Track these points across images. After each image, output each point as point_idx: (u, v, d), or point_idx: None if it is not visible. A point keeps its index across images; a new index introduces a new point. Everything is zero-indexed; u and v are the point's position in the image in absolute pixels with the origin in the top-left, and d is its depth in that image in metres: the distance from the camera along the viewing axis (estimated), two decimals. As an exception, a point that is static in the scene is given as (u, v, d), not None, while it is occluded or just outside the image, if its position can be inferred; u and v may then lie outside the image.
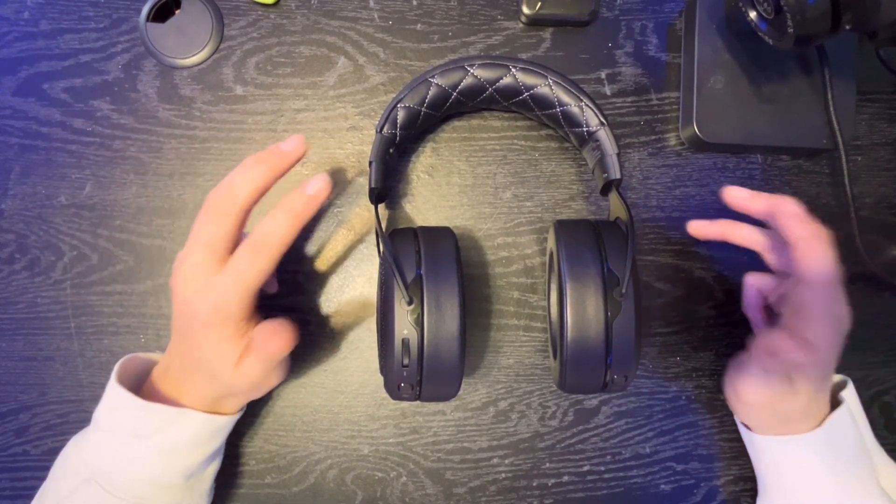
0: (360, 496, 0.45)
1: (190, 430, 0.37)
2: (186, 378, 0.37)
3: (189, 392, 0.37)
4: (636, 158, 0.46)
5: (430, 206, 0.46)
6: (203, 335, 0.34)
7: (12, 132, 0.45)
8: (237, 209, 0.34)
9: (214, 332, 0.34)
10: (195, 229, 0.34)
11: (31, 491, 0.39)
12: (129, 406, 0.36)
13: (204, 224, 0.34)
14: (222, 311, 0.33)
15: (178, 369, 0.37)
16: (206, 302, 0.33)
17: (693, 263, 0.46)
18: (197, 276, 0.34)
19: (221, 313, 0.34)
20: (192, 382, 0.37)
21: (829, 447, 0.38)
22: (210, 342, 0.34)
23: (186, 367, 0.37)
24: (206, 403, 0.37)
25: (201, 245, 0.34)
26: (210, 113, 0.45)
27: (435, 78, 0.40)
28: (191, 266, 0.34)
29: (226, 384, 0.36)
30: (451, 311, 0.34)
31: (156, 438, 0.36)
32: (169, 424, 0.36)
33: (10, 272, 0.45)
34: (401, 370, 0.35)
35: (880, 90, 0.48)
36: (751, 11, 0.40)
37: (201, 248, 0.34)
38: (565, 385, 0.37)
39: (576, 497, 0.46)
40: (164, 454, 0.36)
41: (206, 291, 0.33)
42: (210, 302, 0.33)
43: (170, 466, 0.37)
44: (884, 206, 0.48)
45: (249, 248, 0.34)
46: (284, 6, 0.46)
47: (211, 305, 0.33)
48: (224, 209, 0.34)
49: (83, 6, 0.45)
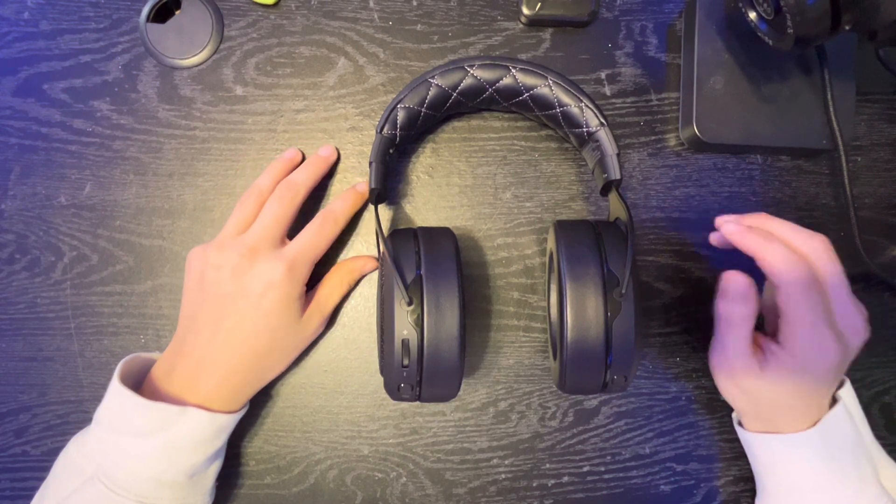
0: (360, 497, 0.45)
1: (193, 429, 0.37)
2: (206, 367, 0.38)
3: (205, 383, 0.38)
4: (636, 159, 0.46)
5: (430, 206, 0.46)
6: (265, 301, 0.38)
7: (12, 132, 0.45)
8: (300, 198, 0.41)
9: (282, 293, 0.38)
10: (264, 211, 0.40)
11: (31, 491, 0.39)
12: (133, 405, 0.36)
13: (272, 206, 0.40)
14: (296, 272, 0.39)
15: (199, 361, 0.38)
16: (279, 267, 0.38)
17: (693, 263, 0.46)
18: (268, 245, 0.39)
19: (295, 274, 0.39)
20: (217, 371, 0.38)
21: (825, 446, 0.38)
22: (274, 304, 0.38)
23: (216, 350, 0.38)
24: (223, 394, 0.38)
25: (272, 220, 0.39)
26: (210, 113, 0.45)
27: (435, 78, 0.40)
28: (260, 237, 0.39)
29: (285, 339, 0.40)
30: (450, 312, 0.34)
31: (159, 437, 0.36)
32: (172, 423, 0.36)
33: (10, 272, 0.45)
34: (400, 371, 0.35)
35: (880, 90, 0.48)
36: (750, 12, 0.40)
37: (272, 222, 0.39)
38: (565, 385, 0.37)
39: (576, 497, 0.46)
40: (167, 452, 0.36)
41: (278, 259, 0.38)
42: (284, 266, 0.38)
43: (173, 465, 0.37)
44: (884, 206, 0.48)
45: (320, 219, 0.41)
46: (284, 7, 0.46)
47: (286, 267, 0.38)
48: (290, 196, 0.40)
49: (83, 6, 0.45)
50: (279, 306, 0.38)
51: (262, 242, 0.39)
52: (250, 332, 0.38)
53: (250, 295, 0.38)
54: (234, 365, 0.38)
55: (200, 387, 0.38)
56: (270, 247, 0.39)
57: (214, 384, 0.38)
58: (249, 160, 0.46)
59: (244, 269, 0.38)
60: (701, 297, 0.46)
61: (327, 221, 0.41)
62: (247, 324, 0.38)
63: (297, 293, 0.39)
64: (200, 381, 0.38)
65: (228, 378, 0.38)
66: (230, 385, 0.39)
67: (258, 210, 0.40)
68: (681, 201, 0.47)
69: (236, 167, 0.46)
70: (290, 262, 0.38)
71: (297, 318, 0.40)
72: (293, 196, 0.40)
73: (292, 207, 0.40)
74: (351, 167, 0.46)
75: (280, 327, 0.39)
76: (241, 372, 0.39)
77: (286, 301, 0.38)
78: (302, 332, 0.41)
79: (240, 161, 0.46)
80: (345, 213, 0.42)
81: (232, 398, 0.39)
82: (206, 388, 0.38)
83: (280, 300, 0.38)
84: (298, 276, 0.39)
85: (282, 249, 0.39)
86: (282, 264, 0.38)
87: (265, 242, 0.39)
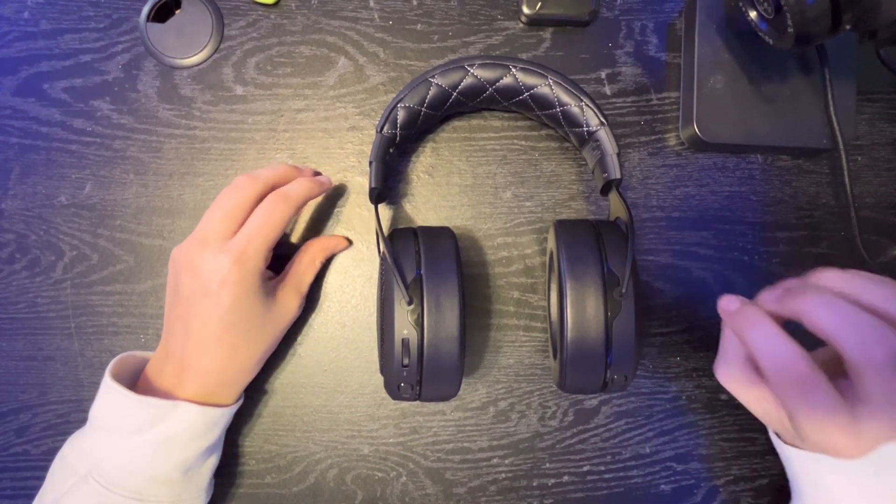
0: (360, 496, 0.45)
1: (185, 423, 0.37)
2: (193, 362, 0.37)
3: (192, 378, 0.37)
4: (636, 158, 0.46)
5: (430, 206, 0.46)
6: (222, 297, 0.37)
7: (12, 132, 0.45)
8: (291, 210, 0.39)
9: (236, 286, 0.37)
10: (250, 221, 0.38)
11: (31, 491, 0.39)
12: (124, 401, 0.36)
13: (260, 216, 0.38)
14: (246, 262, 0.37)
15: (182, 357, 0.38)
16: (226, 260, 0.37)
17: (693, 263, 0.46)
18: (217, 239, 0.37)
19: (246, 265, 0.37)
20: (200, 365, 0.37)
21: (878, 475, 0.33)
22: (232, 298, 0.37)
23: (200, 347, 0.37)
24: (211, 387, 0.38)
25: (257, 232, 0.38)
26: (210, 113, 0.45)
27: (435, 78, 0.40)
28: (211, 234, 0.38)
29: (259, 328, 0.39)
30: (450, 312, 0.34)
31: (151, 432, 0.36)
32: (164, 417, 0.36)
33: (10, 272, 0.45)
34: (401, 370, 0.35)
35: (880, 90, 0.48)
36: (751, 11, 0.40)
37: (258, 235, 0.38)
38: (565, 385, 0.37)
39: (576, 497, 0.46)
40: (160, 447, 0.36)
41: (225, 252, 0.37)
42: (231, 259, 0.37)
43: (166, 460, 0.37)
44: (884, 205, 0.48)
45: (268, 202, 0.38)
46: (284, 6, 0.46)
47: (233, 260, 0.37)
48: (281, 208, 0.38)
49: (83, 6, 0.45)
50: (238, 300, 0.37)
51: (212, 235, 0.37)
52: (217, 329, 0.37)
53: (208, 293, 0.37)
54: (212, 362, 0.38)
55: (187, 385, 0.38)
56: (218, 240, 0.37)
57: (199, 382, 0.38)
58: (250, 160, 0.46)
59: (196, 266, 0.37)
60: (701, 297, 0.46)
61: (276, 203, 0.38)
62: (212, 322, 0.37)
63: (252, 283, 0.38)
64: (186, 379, 0.38)
65: (211, 375, 0.38)
66: (215, 381, 0.38)
67: (244, 217, 0.38)
68: (681, 201, 0.47)
69: (236, 167, 0.46)
70: (237, 254, 0.37)
71: (264, 304, 0.39)
72: (285, 208, 0.38)
73: (283, 220, 0.39)
74: (351, 166, 0.46)
75: (248, 318, 0.38)
76: (221, 367, 0.38)
77: (243, 294, 0.37)
78: (277, 316, 0.40)
79: (240, 161, 0.46)
80: (298, 194, 0.39)
81: (221, 392, 0.39)
82: (193, 386, 0.38)
83: (236, 294, 0.37)
84: (251, 266, 0.37)
85: (229, 243, 0.37)
86: (228, 257, 0.37)
87: (214, 235, 0.37)
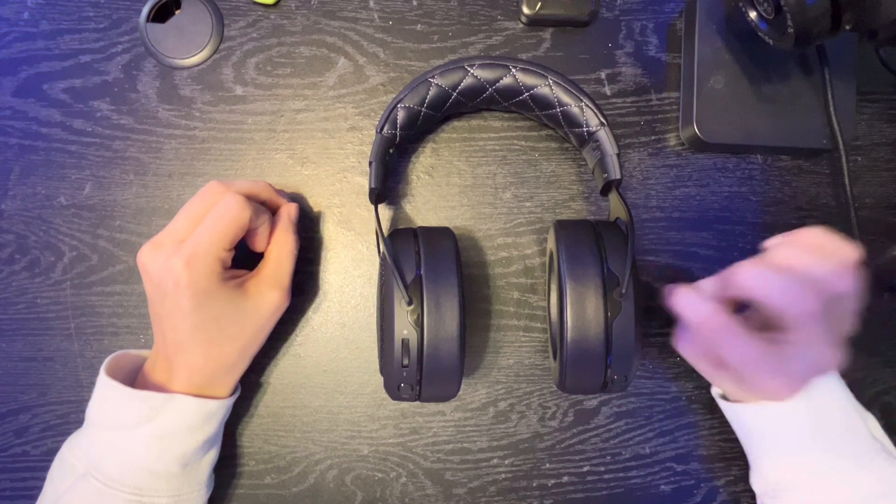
0: (360, 497, 0.45)
1: (181, 415, 0.37)
2: (176, 359, 0.37)
3: (180, 373, 0.37)
4: (636, 158, 0.46)
5: (430, 206, 0.46)
6: (180, 298, 0.36)
7: (12, 132, 0.45)
8: (246, 211, 0.37)
9: (191, 288, 0.36)
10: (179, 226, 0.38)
11: (31, 491, 0.39)
12: (119, 396, 0.37)
13: (212, 218, 0.37)
14: (197, 265, 0.36)
15: (166, 354, 0.38)
16: (177, 263, 0.36)
17: (693, 263, 0.46)
18: (170, 241, 0.37)
19: (197, 267, 0.36)
20: (183, 361, 0.37)
21: (814, 411, 0.36)
22: (191, 300, 0.36)
23: (176, 346, 0.37)
24: (200, 381, 0.38)
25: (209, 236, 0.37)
26: (210, 113, 0.45)
27: (435, 78, 0.40)
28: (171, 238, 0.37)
29: (235, 325, 0.38)
30: (450, 312, 0.34)
31: (148, 426, 0.36)
32: (159, 410, 0.36)
33: (9, 272, 0.45)
34: (400, 370, 0.35)
35: (880, 90, 0.48)
36: (751, 11, 0.40)
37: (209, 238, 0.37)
38: (565, 385, 0.37)
39: (576, 497, 0.46)
40: (157, 441, 0.36)
41: (175, 255, 0.36)
42: (181, 261, 0.35)
43: (164, 454, 0.37)
44: (884, 205, 0.48)
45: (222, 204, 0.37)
46: (284, 6, 0.46)
47: (184, 263, 0.35)
48: (235, 209, 0.37)
49: (83, 6, 0.45)
50: (197, 301, 0.36)
51: (167, 238, 0.37)
52: (186, 328, 0.36)
53: (166, 295, 0.36)
54: (192, 359, 0.37)
55: (177, 379, 0.38)
56: (172, 243, 0.37)
57: (186, 377, 0.38)
58: (249, 160, 0.46)
59: (151, 269, 0.36)
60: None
61: (230, 204, 0.37)
62: (179, 321, 0.36)
63: (208, 284, 0.36)
64: (174, 374, 0.38)
65: (194, 370, 0.38)
66: (201, 376, 0.38)
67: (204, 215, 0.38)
68: (681, 201, 0.47)
69: (236, 167, 0.46)
70: (187, 256, 0.36)
71: (230, 302, 0.37)
72: (239, 209, 0.37)
73: (237, 221, 0.37)
74: (351, 167, 0.46)
75: (214, 316, 0.37)
76: (201, 363, 0.38)
77: (202, 294, 0.36)
78: (252, 311, 0.38)
79: (240, 161, 0.46)
80: (252, 191, 0.39)
81: (212, 386, 0.39)
82: (182, 381, 0.38)
83: (192, 295, 0.36)
84: (202, 267, 0.36)
85: (180, 245, 0.36)
86: (179, 260, 0.35)
87: (169, 237, 0.37)
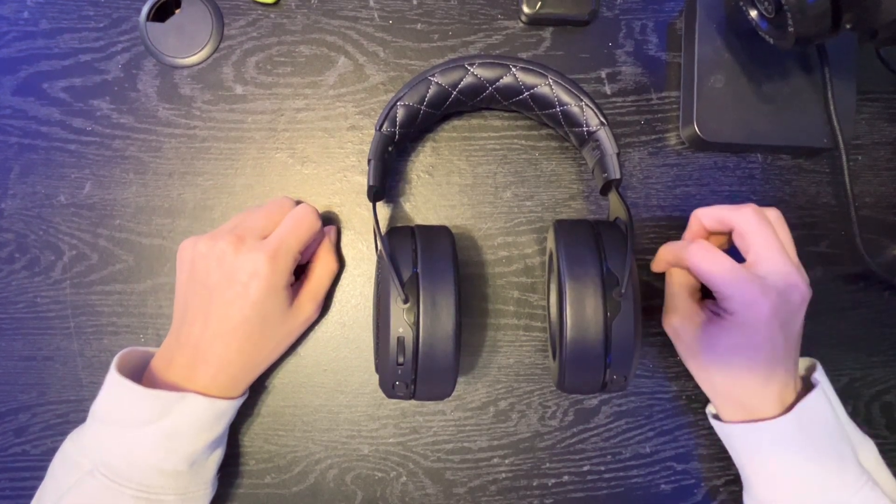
0: (360, 496, 0.45)
1: (193, 414, 0.37)
2: (208, 352, 0.38)
3: (207, 369, 0.38)
4: (636, 158, 0.46)
5: (430, 205, 0.46)
6: (250, 290, 0.38)
7: (12, 132, 0.45)
8: (317, 222, 0.41)
9: (266, 282, 0.38)
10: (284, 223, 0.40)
11: (31, 491, 0.39)
12: (131, 394, 0.37)
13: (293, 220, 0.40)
14: (279, 262, 0.38)
15: (196, 347, 0.38)
16: (261, 257, 0.38)
17: (693, 263, 0.46)
18: (253, 237, 0.39)
19: (278, 264, 0.38)
20: (215, 356, 0.38)
21: (802, 430, 0.37)
22: (260, 293, 0.38)
23: (215, 338, 0.38)
24: (224, 379, 0.39)
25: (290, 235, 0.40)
26: (210, 112, 0.45)
27: (435, 77, 0.40)
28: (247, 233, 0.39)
29: (276, 327, 0.40)
30: (446, 310, 0.34)
31: (159, 424, 0.36)
32: (171, 409, 0.36)
33: (9, 272, 0.45)
34: (395, 368, 0.35)
35: (880, 90, 0.48)
36: (751, 10, 0.40)
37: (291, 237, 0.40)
38: (564, 385, 0.37)
39: (576, 497, 0.46)
40: (167, 440, 0.37)
41: (260, 249, 0.38)
42: (266, 255, 0.38)
43: (174, 452, 0.37)
44: (884, 205, 0.48)
45: (298, 213, 0.40)
46: (284, 6, 0.46)
47: (268, 257, 0.38)
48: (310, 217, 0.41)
49: (83, 6, 0.45)
50: (265, 295, 0.38)
51: (249, 233, 0.39)
52: (239, 321, 0.38)
53: (235, 284, 0.38)
54: (229, 353, 0.38)
55: (199, 376, 0.38)
56: (254, 238, 0.39)
57: (212, 373, 0.38)
58: (249, 159, 0.46)
59: (229, 259, 0.38)
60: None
61: (306, 212, 0.41)
62: (235, 312, 0.38)
63: (281, 282, 0.39)
64: (198, 370, 0.38)
65: (225, 367, 0.38)
66: (228, 373, 0.39)
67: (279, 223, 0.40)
68: (681, 200, 0.47)
69: (236, 166, 0.45)
70: (272, 251, 0.38)
71: (286, 306, 0.40)
72: (313, 218, 0.41)
73: (311, 228, 0.40)
74: (351, 166, 0.46)
75: (269, 315, 0.39)
76: (236, 360, 0.39)
77: (272, 290, 0.38)
78: (294, 320, 0.41)
79: (240, 160, 0.46)
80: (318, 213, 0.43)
81: (231, 385, 0.39)
82: (205, 377, 0.38)
83: (265, 289, 0.38)
84: (282, 266, 0.39)
85: (264, 241, 0.39)
86: (263, 254, 0.38)
87: (251, 233, 0.39)
